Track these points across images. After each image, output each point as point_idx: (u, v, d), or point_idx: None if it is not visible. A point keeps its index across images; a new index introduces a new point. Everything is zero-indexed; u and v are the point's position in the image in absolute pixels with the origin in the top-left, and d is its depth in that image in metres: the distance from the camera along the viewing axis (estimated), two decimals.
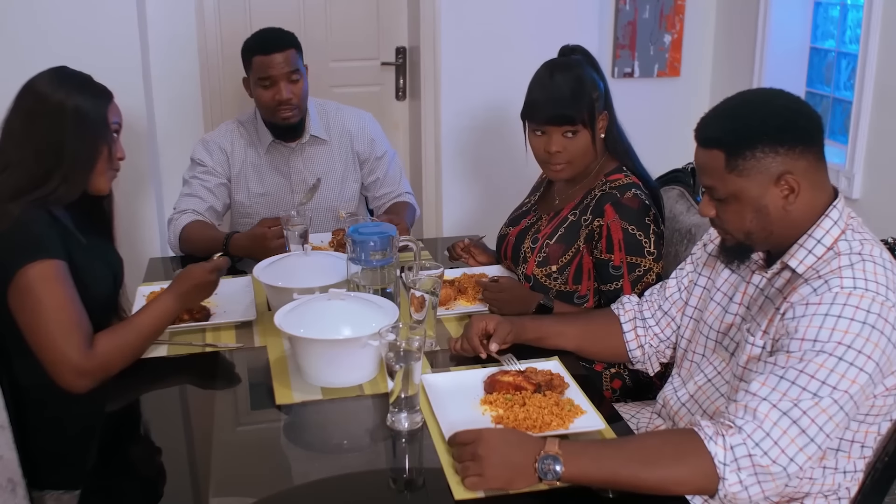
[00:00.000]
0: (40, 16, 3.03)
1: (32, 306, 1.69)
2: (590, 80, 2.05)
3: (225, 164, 2.63)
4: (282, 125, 2.59)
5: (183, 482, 1.50)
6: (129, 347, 1.76)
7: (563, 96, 2.01)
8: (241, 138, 2.67)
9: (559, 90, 2.02)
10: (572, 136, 2.03)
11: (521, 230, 2.23)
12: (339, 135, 2.72)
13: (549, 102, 2.02)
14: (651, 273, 2.00)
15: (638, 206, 2.00)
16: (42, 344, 1.69)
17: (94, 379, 1.70)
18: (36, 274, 1.69)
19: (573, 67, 2.06)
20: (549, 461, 1.34)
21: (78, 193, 1.84)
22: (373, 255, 1.87)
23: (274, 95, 2.52)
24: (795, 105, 1.50)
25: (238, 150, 2.65)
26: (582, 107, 2.02)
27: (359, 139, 2.74)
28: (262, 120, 2.64)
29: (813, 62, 3.62)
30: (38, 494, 1.82)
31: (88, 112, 1.80)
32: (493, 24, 3.49)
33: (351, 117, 2.75)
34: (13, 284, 1.70)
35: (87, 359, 1.68)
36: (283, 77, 2.50)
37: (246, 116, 2.70)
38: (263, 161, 2.66)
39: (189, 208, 2.55)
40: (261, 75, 2.51)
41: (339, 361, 1.69)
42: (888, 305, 1.38)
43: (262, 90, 2.53)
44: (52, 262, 1.72)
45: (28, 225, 1.73)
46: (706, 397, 1.67)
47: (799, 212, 1.49)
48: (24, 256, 1.70)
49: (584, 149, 2.06)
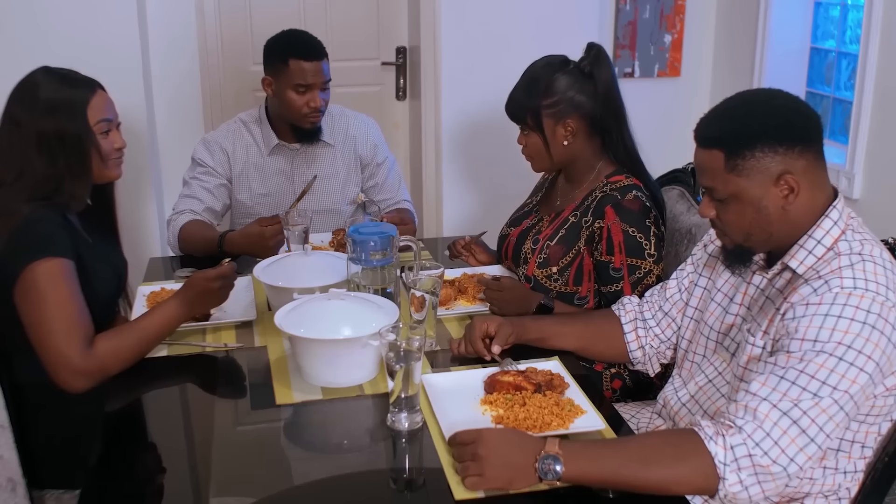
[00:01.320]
0: (40, 16, 3.03)
1: (36, 303, 1.69)
2: (543, 84, 2.05)
3: (226, 164, 2.63)
4: (307, 129, 2.61)
5: (183, 482, 1.50)
6: (129, 350, 1.76)
7: (513, 96, 2.11)
8: (244, 138, 2.66)
9: (515, 89, 2.11)
10: (527, 134, 2.10)
11: (523, 231, 2.23)
12: (342, 138, 2.73)
13: (508, 101, 2.13)
14: (651, 275, 2.00)
15: (639, 209, 2.00)
16: (42, 341, 1.69)
17: (91, 379, 1.70)
18: (42, 271, 1.70)
19: (536, 69, 2.10)
20: (549, 461, 1.34)
21: (86, 199, 1.85)
22: (373, 255, 1.87)
23: (308, 102, 2.52)
24: (794, 105, 1.50)
25: (240, 150, 2.65)
26: (524, 109, 2.07)
27: (363, 144, 2.75)
28: (267, 121, 2.64)
29: (813, 62, 3.62)
30: (38, 494, 1.82)
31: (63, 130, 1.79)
32: (493, 24, 3.49)
33: (355, 122, 2.76)
34: (20, 281, 1.70)
35: (86, 359, 1.68)
36: (318, 85, 2.52)
37: (249, 116, 2.69)
38: (266, 161, 2.66)
39: (186, 209, 2.55)
40: (298, 81, 2.50)
41: (339, 361, 1.69)
42: (888, 305, 1.38)
43: (296, 95, 2.52)
44: (59, 260, 1.72)
45: (36, 224, 1.74)
46: (707, 397, 1.67)
47: (798, 212, 1.49)
48: (31, 254, 1.70)
49: (539, 150, 2.09)
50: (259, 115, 2.67)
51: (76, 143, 1.81)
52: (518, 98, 2.09)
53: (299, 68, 2.49)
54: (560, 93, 2.04)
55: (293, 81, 2.51)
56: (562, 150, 2.08)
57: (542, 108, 2.05)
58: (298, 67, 2.49)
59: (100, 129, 1.85)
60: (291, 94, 2.52)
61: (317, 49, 2.53)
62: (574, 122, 2.05)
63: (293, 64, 2.50)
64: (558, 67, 2.07)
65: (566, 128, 2.06)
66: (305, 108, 2.53)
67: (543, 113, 2.05)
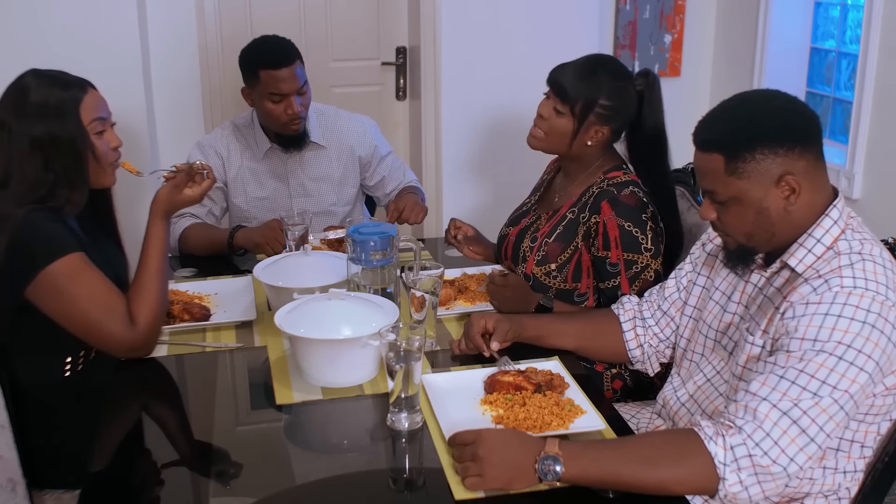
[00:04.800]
0: (41, 16, 3.02)
1: (66, 303, 1.72)
2: (609, 83, 2.02)
3: (220, 168, 2.63)
4: (290, 136, 2.60)
5: (183, 482, 1.51)
6: (158, 297, 1.80)
7: (572, 74, 2.04)
8: (238, 142, 2.66)
9: (576, 67, 2.05)
10: (557, 113, 2.05)
11: (521, 230, 2.23)
12: (337, 140, 2.72)
13: (561, 71, 2.06)
14: (649, 269, 2.00)
15: (635, 203, 2.00)
16: (88, 334, 1.75)
17: (148, 345, 1.80)
18: (59, 272, 1.71)
19: (606, 63, 2.07)
20: (549, 461, 1.34)
21: (83, 202, 1.85)
22: (373, 255, 1.87)
23: (285, 110, 2.50)
24: (793, 105, 1.49)
25: (234, 155, 2.65)
26: (579, 94, 2.02)
27: (361, 145, 2.74)
28: (259, 126, 2.64)
29: (813, 62, 3.62)
30: (38, 494, 1.82)
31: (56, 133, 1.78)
32: (493, 24, 3.49)
33: (351, 123, 2.75)
34: (37, 285, 1.71)
35: (134, 332, 1.75)
36: (293, 91, 2.49)
37: (242, 120, 2.69)
38: (261, 165, 2.66)
39: (187, 212, 2.55)
40: (271, 90, 2.47)
41: (339, 361, 1.69)
42: (888, 305, 1.38)
43: (272, 105, 2.50)
44: (71, 256, 1.73)
45: (37, 226, 1.73)
46: (706, 397, 1.67)
47: (800, 212, 1.48)
48: (43, 258, 1.71)
49: (562, 132, 2.06)
50: (252, 118, 2.66)
51: (70, 145, 1.80)
52: (577, 80, 2.03)
53: (269, 78, 2.46)
54: (617, 100, 2.03)
55: (267, 91, 2.48)
56: (580, 147, 2.08)
57: (598, 106, 2.03)
58: (269, 77, 2.46)
59: (94, 128, 1.83)
60: (268, 104, 2.50)
61: (286, 55, 2.49)
62: (608, 131, 2.06)
63: (264, 75, 2.47)
64: (626, 75, 2.06)
65: (599, 132, 2.05)
66: (284, 115, 2.51)
67: (596, 110, 2.03)
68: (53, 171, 1.78)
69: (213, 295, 2.14)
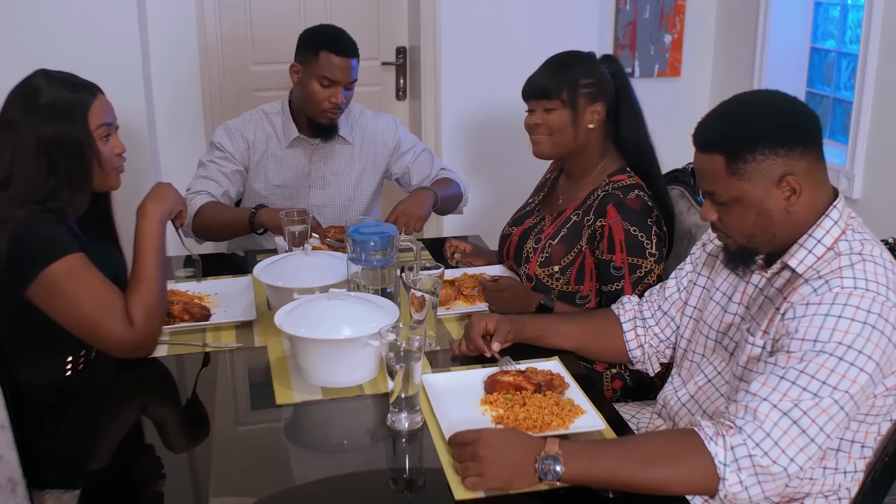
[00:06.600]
0: (41, 16, 3.02)
1: (67, 304, 1.72)
2: (581, 65, 2.07)
3: (245, 153, 2.64)
4: (324, 124, 2.61)
5: (183, 482, 1.51)
6: (155, 298, 1.80)
7: (544, 73, 2.09)
8: (265, 129, 2.67)
9: (543, 67, 2.11)
10: (549, 112, 2.07)
11: (525, 230, 2.23)
12: (361, 137, 2.74)
13: (531, 78, 2.11)
14: (652, 274, 2.00)
15: (640, 208, 2.00)
16: (89, 334, 1.75)
17: (149, 344, 1.80)
18: (60, 273, 1.71)
19: (567, 54, 2.11)
20: (549, 461, 1.34)
21: (85, 205, 1.85)
22: (373, 255, 1.87)
23: (330, 97, 2.53)
24: (792, 106, 1.49)
25: (260, 141, 2.67)
26: (560, 83, 2.05)
27: (384, 143, 2.76)
28: (290, 114, 2.65)
29: (813, 62, 3.62)
30: (38, 494, 1.82)
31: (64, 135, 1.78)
32: (493, 24, 3.49)
33: (376, 122, 2.77)
34: (37, 285, 1.71)
35: (133, 332, 1.75)
36: (344, 82, 2.52)
37: (272, 107, 2.71)
38: (285, 154, 2.68)
39: (204, 189, 2.56)
40: (325, 73, 2.51)
41: (339, 361, 1.69)
42: (888, 305, 1.38)
43: (321, 88, 2.53)
44: (70, 257, 1.73)
45: (37, 227, 1.73)
46: (706, 397, 1.67)
47: (800, 213, 1.48)
48: (43, 258, 1.71)
49: (562, 125, 2.07)
50: (282, 107, 2.68)
51: (77, 147, 1.80)
52: (551, 74, 2.08)
53: (329, 61, 2.50)
54: (596, 76, 2.07)
55: (320, 73, 2.51)
56: (585, 133, 2.08)
57: (580, 86, 2.05)
58: (328, 60, 2.50)
59: (100, 133, 1.83)
60: (315, 86, 2.53)
61: (350, 47, 2.55)
62: (601, 108, 2.07)
63: (323, 56, 2.51)
64: (592, 57, 2.11)
65: (595, 112, 2.07)
66: (326, 102, 2.54)
67: (581, 90, 2.05)
68: (57, 173, 1.78)
69: (213, 295, 2.14)
